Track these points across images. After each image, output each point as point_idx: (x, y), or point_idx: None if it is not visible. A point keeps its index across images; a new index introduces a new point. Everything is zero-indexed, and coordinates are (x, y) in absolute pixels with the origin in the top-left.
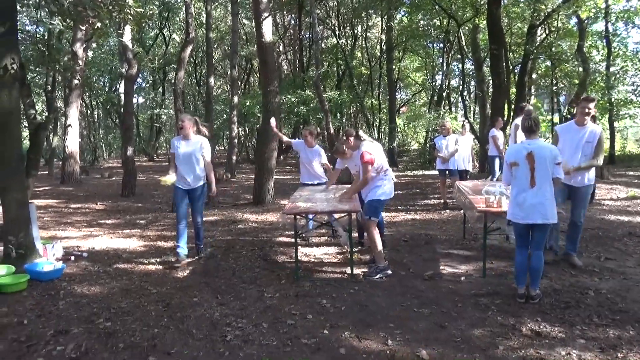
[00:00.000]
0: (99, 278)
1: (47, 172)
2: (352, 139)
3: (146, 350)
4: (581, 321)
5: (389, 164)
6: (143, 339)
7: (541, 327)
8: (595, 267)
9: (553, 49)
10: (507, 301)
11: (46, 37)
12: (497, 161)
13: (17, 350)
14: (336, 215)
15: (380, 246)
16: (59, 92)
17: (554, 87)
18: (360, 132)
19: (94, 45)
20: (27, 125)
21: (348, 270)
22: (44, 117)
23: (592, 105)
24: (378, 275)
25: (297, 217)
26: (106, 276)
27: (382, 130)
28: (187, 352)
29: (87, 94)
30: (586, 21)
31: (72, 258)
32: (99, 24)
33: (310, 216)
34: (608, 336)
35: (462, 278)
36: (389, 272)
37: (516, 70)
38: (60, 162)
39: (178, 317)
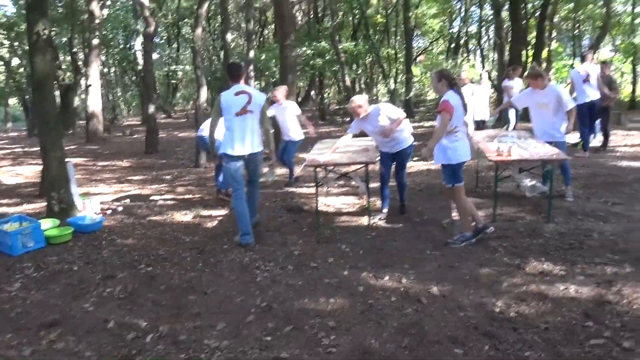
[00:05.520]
0: (136, 229)
1: (70, 131)
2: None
3: (185, 291)
4: (582, 260)
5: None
6: (182, 281)
7: (544, 266)
8: (601, 211)
9: None
10: (514, 244)
11: None
12: (511, 111)
13: (72, 292)
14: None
15: (469, 214)
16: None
17: (576, 31)
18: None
19: (109, 2)
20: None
21: (366, 218)
22: (70, 78)
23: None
24: (463, 244)
25: (317, 169)
26: (142, 227)
27: (399, 80)
28: (222, 291)
29: (104, 52)
30: None
31: (109, 212)
32: None
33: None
34: (605, 273)
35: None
36: (473, 240)
37: (537, 15)
38: (84, 122)
39: (211, 262)
